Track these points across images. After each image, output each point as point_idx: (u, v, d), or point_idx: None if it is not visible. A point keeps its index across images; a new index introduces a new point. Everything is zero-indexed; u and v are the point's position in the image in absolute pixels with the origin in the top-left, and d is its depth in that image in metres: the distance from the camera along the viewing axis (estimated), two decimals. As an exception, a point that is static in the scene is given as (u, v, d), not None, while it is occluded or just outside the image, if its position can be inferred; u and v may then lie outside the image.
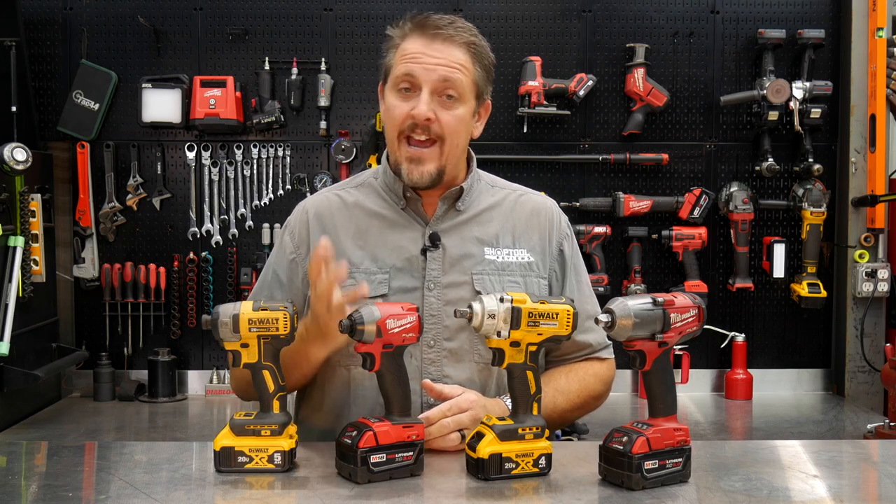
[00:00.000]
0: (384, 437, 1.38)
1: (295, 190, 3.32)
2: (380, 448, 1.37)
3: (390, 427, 1.39)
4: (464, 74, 1.67)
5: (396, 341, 1.40)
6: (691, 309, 1.40)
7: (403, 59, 1.66)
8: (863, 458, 1.64)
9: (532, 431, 1.41)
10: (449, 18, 1.69)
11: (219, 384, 3.30)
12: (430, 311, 1.69)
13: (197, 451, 1.61)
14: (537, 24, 3.35)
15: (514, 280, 1.73)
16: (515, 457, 1.39)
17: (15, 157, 2.70)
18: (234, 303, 1.44)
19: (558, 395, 1.72)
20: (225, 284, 3.34)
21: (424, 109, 1.64)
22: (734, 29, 3.37)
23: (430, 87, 1.64)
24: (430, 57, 1.64)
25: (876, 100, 3.23)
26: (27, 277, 2.85)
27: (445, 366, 1.69)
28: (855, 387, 3.32)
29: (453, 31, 1.67)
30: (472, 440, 1.41)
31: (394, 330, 1.39)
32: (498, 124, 3.33)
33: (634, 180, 3.37)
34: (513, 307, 1.38)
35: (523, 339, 1.40)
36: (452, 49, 1.66)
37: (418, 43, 1.66)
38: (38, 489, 1.40)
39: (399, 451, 1.39)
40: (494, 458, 1.38)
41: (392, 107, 1.68)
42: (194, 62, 3.32)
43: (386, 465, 1.38)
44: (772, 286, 3.41)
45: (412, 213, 1.75)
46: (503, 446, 1.39)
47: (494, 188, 1.85)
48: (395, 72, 1.67)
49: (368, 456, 1.36)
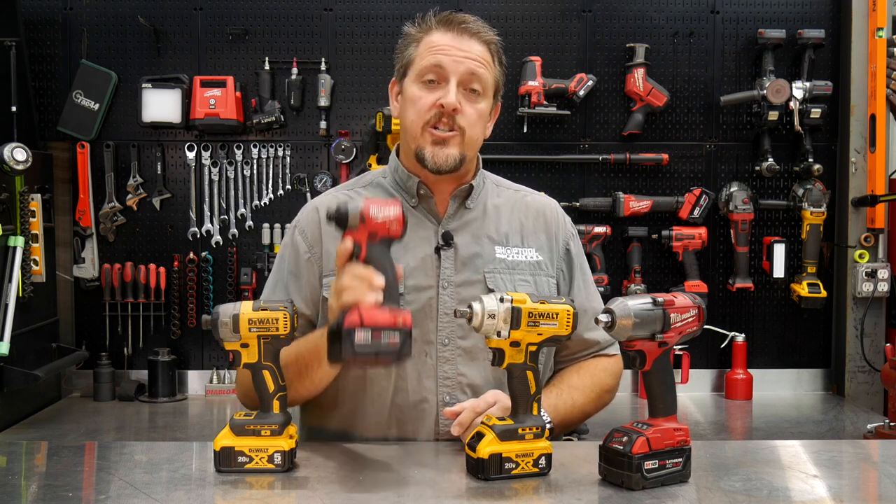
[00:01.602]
0: (370, 317, 1.36)
1: (295, 190, 3.32)
2: (364, 328, 1.35)
3: (377, 308, 1.37)
4: (488, 70, 1.71)
5: (381, 231, 1.41)
6: (691, 309, 1.40)
7: (431, 50, 1.69)
8: (863, 458, 1.64)
9: (532, 431, 1.41)
10: (472, 17, 1.74)
11: (219, 384, 3.30)
12: (445, 309, 1.70)
13: (197, 451, 1.61)
14: (537, 24, 3.35)
15: (524, 279, 1.74)
16: (515, 457, 1.40)
17: (15, 157, 2.70)
18: (234, 303, 1.44)
19: (574, 392, 1.74)
20: (225, 284, 3.34)
21: (453, 99, 1.66)
22: (734, 29, 3.37)
23: (458, 77, 1.67)
24: (459, 50, 1.68)
25: (876, 100, 3.23)
26: (27, 277, 2.85)
27: (460, 364, 1.69)
28: (855, 387, 3.32)
29: (478, 28, 1.72)
30: (473, 440, 1.41)
31: (377, 218, 1.40)
32: (498, 124, 3.26)
33: (634, 180, 3.37)
34: (513, 307, 1.38)
35: (523, 339, 1.40)
36: (478, 44, 1.71)
37: (447, 37, 1.70)
38: (38, 489, 1.40)
39: (385, 333, 1.36)
40: (494, 458, 1.38)
41: (417, 97, 1.69)
42: (194, 62, 3.32)
43: (371, 347, 1.35)
44: (772, 286, 3.41)
45: (424, 211, 1.76)
46: (503, 446, 1.39)
47: (500, 188, 1.87)
48: (422, 63, 1.69)
49: (353, 334, 1.34)
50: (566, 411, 1.69)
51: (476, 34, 1.71)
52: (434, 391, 1.68)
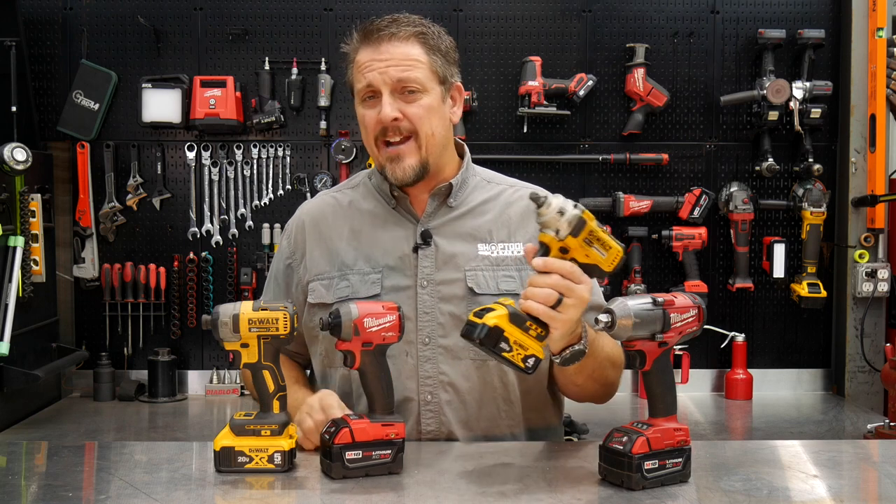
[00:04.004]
0: (361, 434, 1.40)
1: (295, 190, 3.32)
2: (356, 445, 1.39)
3: (368, 425, 1.41)
4: (418, 66, 1.68)
5: (376, 340, 1.42)
6: (691, 309, 1.40)
7: (359, 71, 1.70)
8: (863, 458, 1.64)
9: (536, 331, 1.39)
10: (391, 17, 1.72)
11: (219, 384, 3.30)
12: (424, 308, 1.70)
13: (197, 451, 1.61)
14: (537, 24, 3.35)
15: (509, 274, 1.73)
16: (513, 342, 1.37)
17: (15, 157, 2.70)
18: (234, 303, 1.44)
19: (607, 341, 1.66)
20: (225, 284, 3.34)
21: (388, 111, 1.66)
22: (734, 29, 3.37)
23: (388, 88, 1.67)
24: (380, 61, 1.67)
25: (876, 100, 3.23)
26: (27, 277, 2.85)
27: (441, 363, 1.69)
28: (855, 387, 3.32)
29: (395, 28, 1.69)
30: (480, 311, 1.39)
31: (372, 329, 1.41)
32: (498, 124, 3.33)
33: (634, 180, 3.37)
34: (581, 217, 1.36)
35: (573, 250, 1.38)
36: (399, 46, 1.68)
37: (367, 51, 1.70)
38: (38, 489, 1.40)
39: (376, 449, 1.40)
40: (497, 330, 1.36)
41: (362, 117, 1.72)
42: (194, 62, 3.32)
43: (362, 462, 1.39)
44: (772, 286, 3.41)
45: (403, 211, 1.77)
46: (508, 326, 1.37)
47: (490, 184, 1.85)
48: (358, 85, 1.72)
49: (343, 452, 1.38)
50: (600, 346, 1.62)
51: (392, 36, 1.68)
52: (416, 390, 1.68)
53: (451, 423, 1.69)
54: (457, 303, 1.69)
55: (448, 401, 1.69)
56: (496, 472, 1.46)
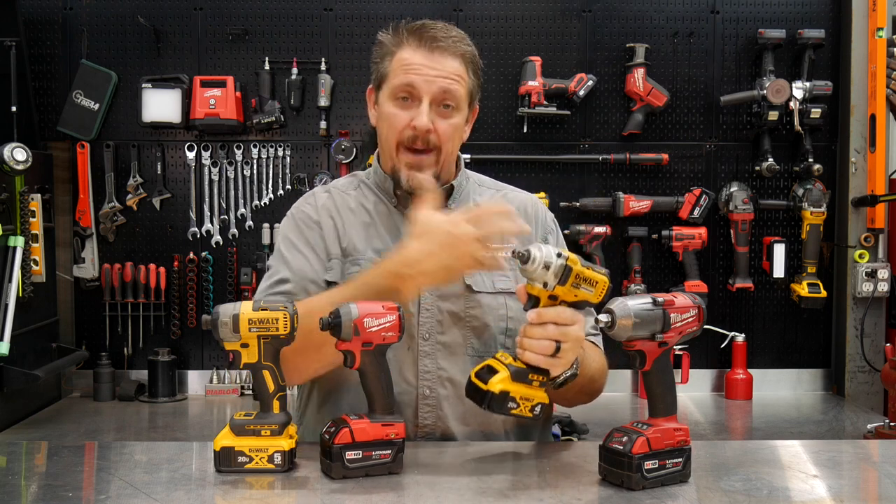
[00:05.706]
0: (361, 434, 1.40)
1: (295, 190, 3.32)
2: (356, 445, 1.39)
3: (368, 425, 1.41)
4: (461, 85, 1.70)
5: (376, 340, 1.42)
6: (691, 309, 1.40)
7: (403, 68, 1.68)
8: (863, 458, 1.64)
9: (538, 380, 1.43)
10: (444, 28, 1.71)
11: (219, 384, 3.30)
12: (425, 305, 1.71)
13: (197, 451, 1.61)
14: (537, 24, 3.35)
15: (503, 275, 1.75)
16: (519, 398, 1.41)
17: (15, 157, 2.70)
18: (234, 303, 1.44)
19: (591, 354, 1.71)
20: (225, 284, 3.34)
21: (426, 121, 1.66)
22: (734, 29, 3.37)
23: (430, 98, 1.67)
24: (430, 69, 1.67)
25: (876, 100, 3.23)
26: (27, 277, 2.85)
27: (440, 359, 1.71)
28: (855, 387, 3.32)
29: (451, 42, 1.69)
30: (482, 371, 1.43)
31: (372, 329, 1.41)
32: (498, 124, 3.33)
33: (634, 180, 3.37)
34: (566, 265, 1.38)
35: (562, 295, 1.41)
36: (450, 60, 1.69)
37: (418, 54, 1.68)
38: (38, 489, 1.40)
39: (376, 449, 1.41)
40: (503, 394, 1.39)
41: (391, 115, 1.70)
42: (194, 62, 3.32)
43: (362, 462, 1.39)
44: (772, 286, 3.41)
45: (404, 210, 1.77)
46: (513, 386, 1.40)
47: (482, 187, 1.88)
48: (394, 81, 1.70)
49: (343, 452, 1.38)
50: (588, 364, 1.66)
51: (448, 49, 1.68)
52: (415, 384, 1.69)
53: (448, 417, 1.70)
54: (454, 300, 1.71)
55: (446, 396, 1.70)
56: (496, 472, 1.46)
